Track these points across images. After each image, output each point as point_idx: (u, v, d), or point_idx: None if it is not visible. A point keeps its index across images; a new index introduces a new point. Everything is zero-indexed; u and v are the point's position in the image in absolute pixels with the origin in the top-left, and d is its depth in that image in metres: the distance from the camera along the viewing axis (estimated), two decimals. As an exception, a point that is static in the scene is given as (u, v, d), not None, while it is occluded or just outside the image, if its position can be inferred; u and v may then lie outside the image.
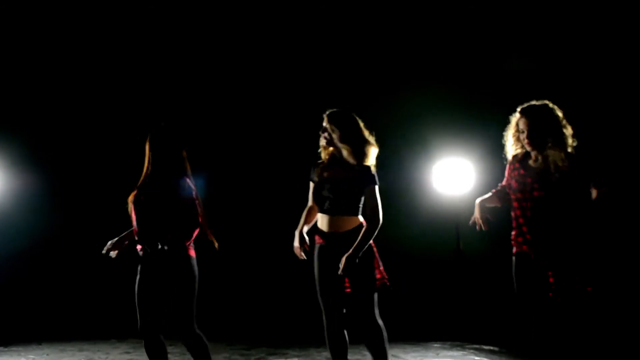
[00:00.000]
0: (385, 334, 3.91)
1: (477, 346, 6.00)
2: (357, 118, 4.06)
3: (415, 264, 7.12)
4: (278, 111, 7.48)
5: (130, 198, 3.94)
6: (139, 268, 3.97)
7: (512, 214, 3.77)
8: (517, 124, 3.75)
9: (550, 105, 3.72)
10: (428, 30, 7.40)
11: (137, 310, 3.93)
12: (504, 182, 3.92)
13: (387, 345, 3.91)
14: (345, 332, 3.91)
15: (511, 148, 3.83)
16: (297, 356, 5.63)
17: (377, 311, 3.89)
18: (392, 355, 5.68)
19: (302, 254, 3.95)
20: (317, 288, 3.94)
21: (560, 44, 7.16)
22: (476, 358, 5.54)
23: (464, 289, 6.74)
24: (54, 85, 7.40)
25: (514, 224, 3.76)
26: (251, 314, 7.10)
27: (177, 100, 7.44)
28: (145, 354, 5.59)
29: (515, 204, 3.74)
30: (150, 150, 3.88)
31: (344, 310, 3.89)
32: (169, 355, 4.15)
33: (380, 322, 3.89)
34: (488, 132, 6.79)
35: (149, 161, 3.89)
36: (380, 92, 7.51)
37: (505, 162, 3.90)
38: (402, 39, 7.47)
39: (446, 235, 6.89)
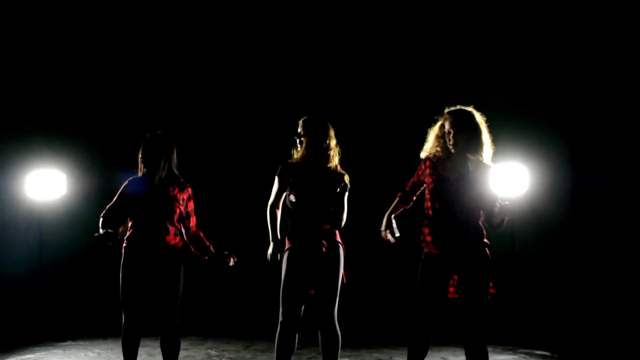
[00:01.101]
0: (340, 340, 4.03)
1: (528, 351, 5.97)
2: (329, 126, 4.15)
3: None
4: (280, 112, 7.54)
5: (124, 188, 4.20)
6: (122, 266, 4.13)
7: (426, 214, 3.81)
8: (442, 125, 3.81)
9: (475, 112, 3.81)
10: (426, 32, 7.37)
11: (123, 307, 4.11)
12: (410, 183, 3.99)
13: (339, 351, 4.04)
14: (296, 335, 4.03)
15: (429, 148, 3.88)
16: (348, 356, 5.73)
17: (335, 314, 4.03)
18: (442, 357, 5.75)
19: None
20: (283, 287, 4.03)
21: (553, 44, 7.08)
22: (528, 363, 5.55)
23: (517, 292, 6.70)
24: (114, 94, 7.71)
25: (425, 223, 3.80)
26: (304, 314, 7.24)
27: (192, 104, 7.63)
28: (202, 350, 5.90)
29: (429, 204, 3.80)
30: (143, 155, 4.16)
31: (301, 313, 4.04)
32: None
33: (337, 327, 4.03)
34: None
35: (142, 164, 4.18)
36: (389, 89, 7.54)
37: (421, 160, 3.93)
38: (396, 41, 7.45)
39: (501, 237, 6.87)
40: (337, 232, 4.12)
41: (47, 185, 6.76)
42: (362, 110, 7.44)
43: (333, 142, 4.12)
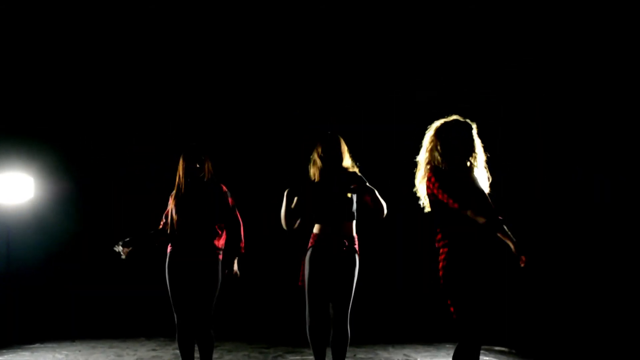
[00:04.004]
0: (349, 339, 4.21)
1: (487, 347, 6.14)
2: (341, 140, 4.36)
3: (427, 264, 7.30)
4: (280, 112, 7.63)
5: (172, 199, 4.45)
6: (167, 267, 4.36)
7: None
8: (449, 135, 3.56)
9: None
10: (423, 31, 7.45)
11: (174, 307, 4.34)
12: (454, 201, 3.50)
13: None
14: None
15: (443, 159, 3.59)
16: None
17: (348, 315, 4.20)
18: (404, 354, 5.93)
19: None
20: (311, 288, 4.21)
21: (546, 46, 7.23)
22: (486, 358, 5.65)
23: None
24: (83, 98, 7.73)
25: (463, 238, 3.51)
26: (271, 314, 7.36)
27: (193, 107, 7.70)
28: (170, 351, 5.98)
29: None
30: (184, 163, 4.41)
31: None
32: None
33: (348, 327, 4.20)
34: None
35: (184, 172, 4.41)
36: (389, 89, 7.64)
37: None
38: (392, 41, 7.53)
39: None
40: (356, 238, 4.28)
41: (14, 188, 6.78)
42: (362, 110, 7.52)
43: (345, 157, 4.33)
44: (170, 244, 4.41)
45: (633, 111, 7.06)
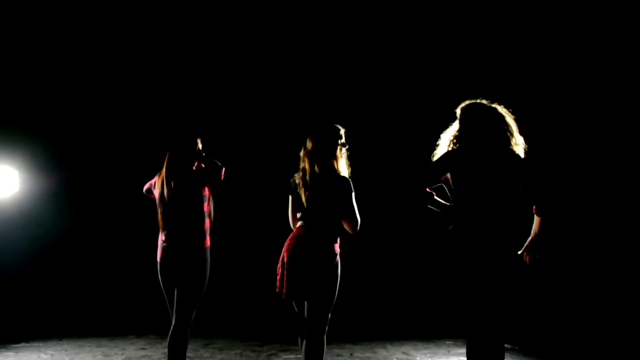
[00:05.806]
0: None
1: (489, 344, 5.99)
2: (338, 134, 4.01)
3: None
4: (279, 112, 7.55)
5: (159, 181, 4.13)
6: (164, 262, 4.07)
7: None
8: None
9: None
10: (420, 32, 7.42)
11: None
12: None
13: None
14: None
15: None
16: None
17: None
18: (403, 352, 5.75)
19: None
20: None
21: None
22: (487, 355, 5.52)
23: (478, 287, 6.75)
24: (70, 88, 7.58)
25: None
26: (265, 311, 7.19)
27: (182, 101, 7.57)
28: (160, 350, 5.80)
29: None
30: (174, 146, 4.13)
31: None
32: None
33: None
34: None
35: (174, 156, 4.12)
36: (389, 88, 7.55)
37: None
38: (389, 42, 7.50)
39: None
40: None
41: (-2, 182, 6.58)
42: (362, 110, 7.43)
43: (337, 152, 3.95)
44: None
45: (633, 111, 7.05)
